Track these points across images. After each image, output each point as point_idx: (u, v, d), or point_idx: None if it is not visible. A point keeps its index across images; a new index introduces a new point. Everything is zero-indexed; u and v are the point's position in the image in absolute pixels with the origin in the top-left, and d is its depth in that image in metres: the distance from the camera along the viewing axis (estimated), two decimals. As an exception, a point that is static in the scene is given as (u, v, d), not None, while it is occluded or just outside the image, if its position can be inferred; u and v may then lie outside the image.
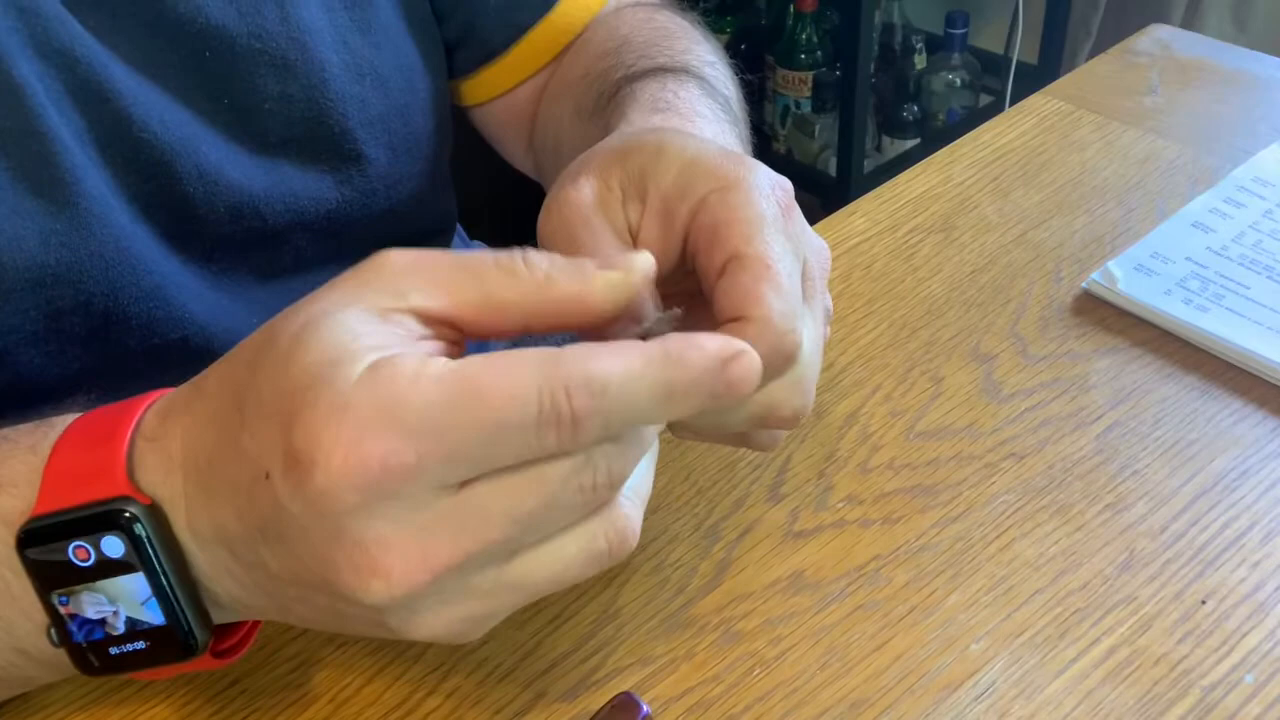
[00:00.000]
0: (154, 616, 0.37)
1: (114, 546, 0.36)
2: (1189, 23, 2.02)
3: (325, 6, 0.58)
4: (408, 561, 0.33)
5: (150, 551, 0.36)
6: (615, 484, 0.35)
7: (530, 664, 0.48)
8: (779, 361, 0.39)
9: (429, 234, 0.71)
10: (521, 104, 0.69)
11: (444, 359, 0.33)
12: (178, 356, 0.56)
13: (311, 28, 0.57)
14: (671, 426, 0.43)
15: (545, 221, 0.42)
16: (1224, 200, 0.69)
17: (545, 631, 0.49)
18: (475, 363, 0.32)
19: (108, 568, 0.36)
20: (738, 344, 0.34)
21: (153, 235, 0.55)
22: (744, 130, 0.60)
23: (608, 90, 0.58)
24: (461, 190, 0.75)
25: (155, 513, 0.36)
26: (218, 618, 0.39)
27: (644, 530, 0.52)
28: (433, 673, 0.48)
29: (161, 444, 0.37)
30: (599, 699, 0.46)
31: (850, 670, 0.47)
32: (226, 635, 0.41)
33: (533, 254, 0.35)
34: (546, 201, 0.43)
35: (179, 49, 0.54)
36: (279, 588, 0.36)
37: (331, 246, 0.62)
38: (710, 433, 0.44)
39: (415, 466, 0.31)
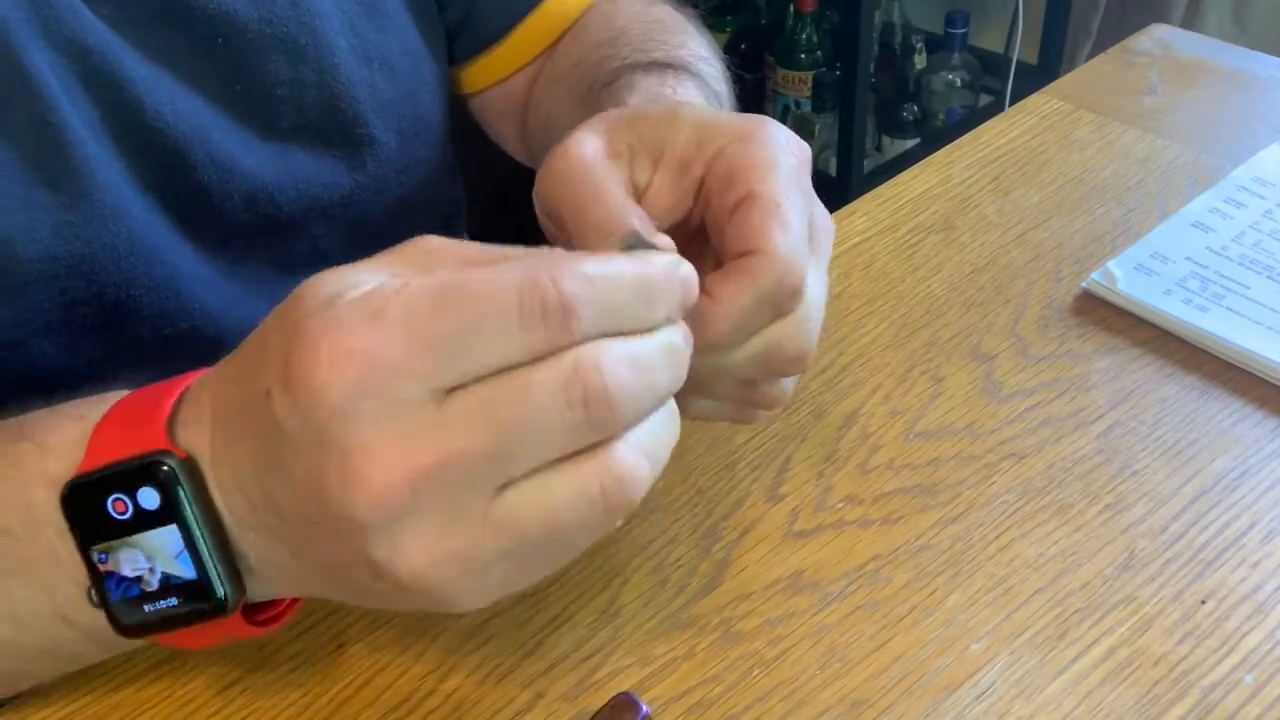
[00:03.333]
0: (186, 570, 0.37)
1: (149, 498, 0.36)
2: (1189, 23, 2.02)
3: None
4: (388, 469, 0.32)
5: (183, 502, 0.36)
6: (612, 408, 0.33)
7: (530, 664, 0.48)
8: (783, 295, 0.40)
9: (440, 221, 0.72)
10: (518, 92, 0.70)
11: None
12: (189, 346, 0.57)
13: (320, 12, 0.58)
14: (681, 394, 0.43)
15: (544, 176, 0.42)
16: (1224, 200, 0.69)
17: (545, 631, 0.49)
18: (461, 270, 0.33)
19: (144, 520, 0.37)
20: (677, 257, 0.37)
21: (167, 225, 0.55)
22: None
23: (603, 78, 0.58)
24: (462, 184, 0.75)
25: (190, 466, 0.37)
26: (252, 587, 0.39)
27: (643, 530, 0.52)
28: (433, 673, 0.48)
29: (197, 399, 0.38)
30: (599, 699, 0.46)
31: (850, 670, 0.47)
32: (266, 608, 0.41)
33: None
34: (546, 158, 0.42)
35: (190, 36, 0.54)
36: (289, 530, 0.36)
37: (347, 236, 0.63)
38: (717, 387, 0.44)
39: (397, 363, 0.32)
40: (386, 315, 0.32)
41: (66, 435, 0.39)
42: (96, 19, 0.51)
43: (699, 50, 0.62)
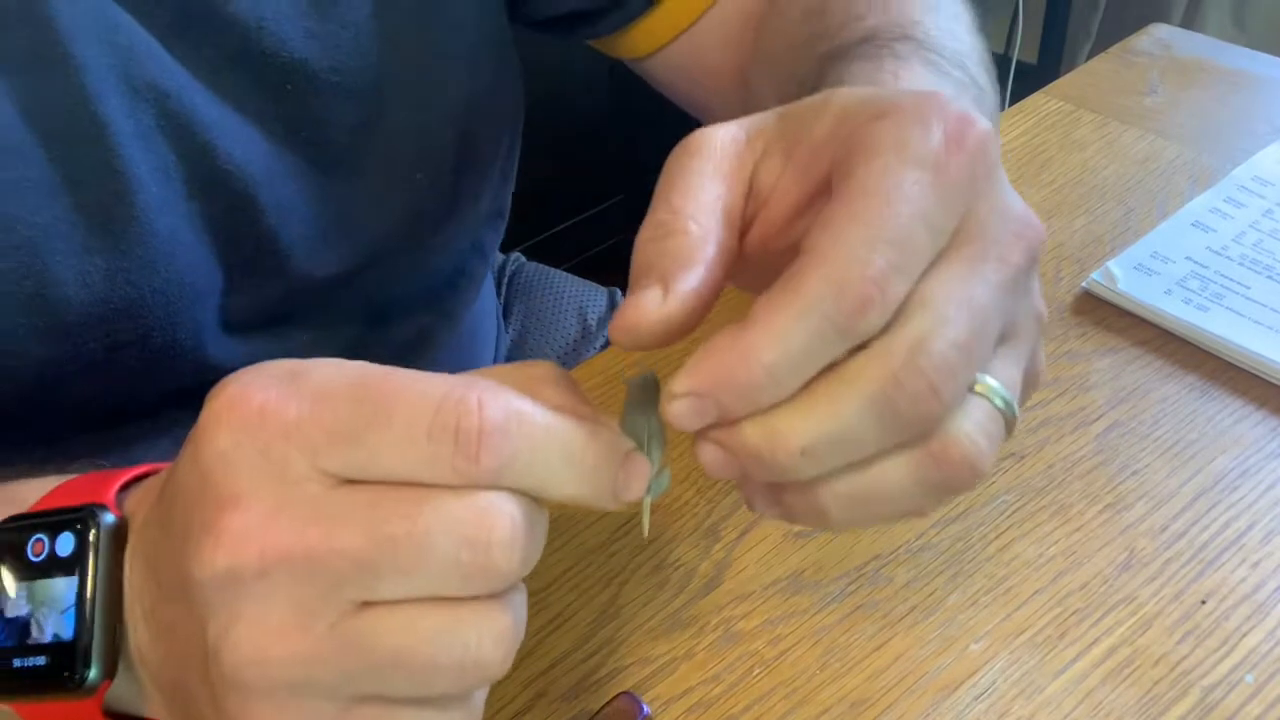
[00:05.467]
0: (66, 629, 0.35)
1: (66, 543, 0.35)
2: (1189, 23, 2.02)
3: (393, 38, 0.57)
4: (246, 530, 0.29)
5: (91, 555, 0.35)
6: (511, 568, 0.30)
7: (530, 664, 0.48)
8: (845, 308, 0.29)
9: (474, 247, 0.72)
10: (697, 49, 0.64)
11: None
12: None
13: (383, 57, 0.57)
14: (815, 503, 0.33)
15: (672, 156, 0.35)
16: (1224, 200, 0.69)
17: (545, 631, 0.49)
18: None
19: (52, 566, 0.35)
20: (639, 454, 0.32)
21: (221, 271, 0.55)
22: (984, 97, 0.47)
23: (810, 76, 0.49)
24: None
25: (119, 529, 0.35)
26: (118, 688, 0.36)
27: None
28: (433, 673, 0.48)
29: (151, 479, 0.37)
30: (599, 699, 0.46)
31: (850, 670, 0.47)
32: None
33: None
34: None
35: (262, 82, 0.54)
36: (160, 614, 0.33)
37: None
38: (871, 491, 0.32)
39: (292, 425, 0.29)
40: (302, 380, 0.30)
41: (25, 495, 0.38)
42: (173, 60, 0.51)
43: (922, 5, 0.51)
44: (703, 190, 0.33)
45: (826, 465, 0.31)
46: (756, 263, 0.34)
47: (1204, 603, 0.49)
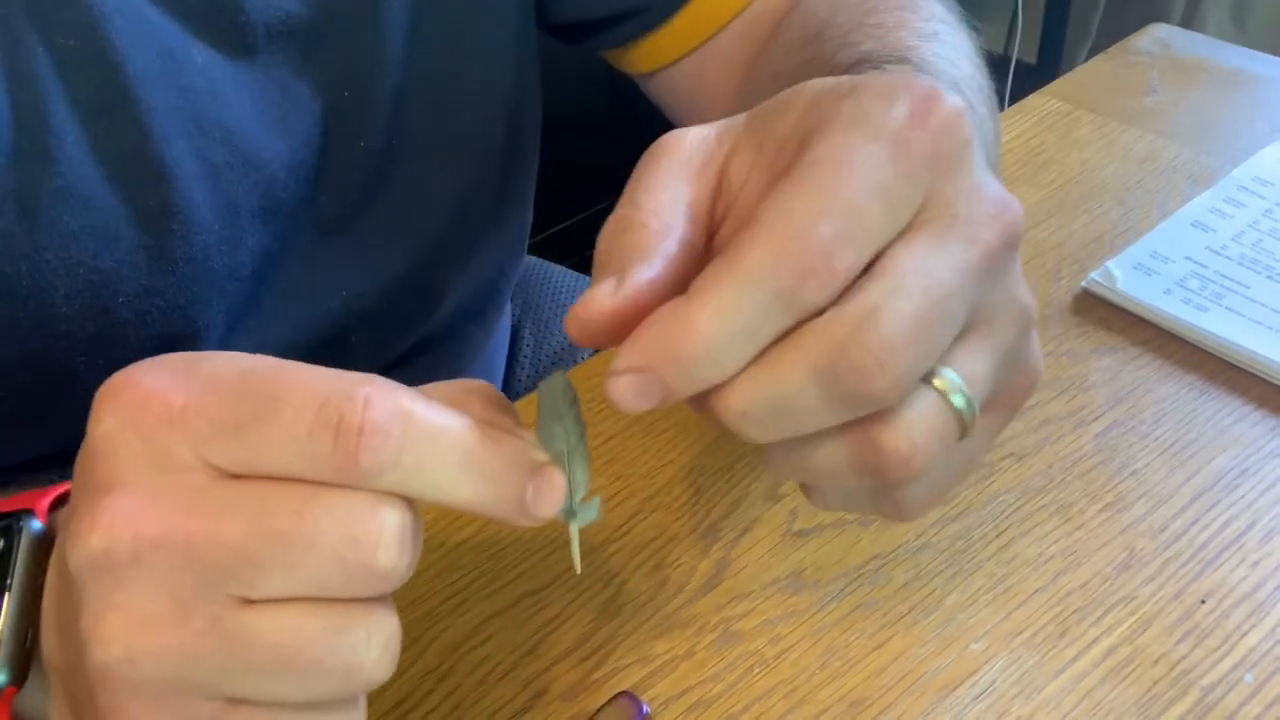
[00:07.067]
0: None
1: None
2: (1189, 22, 2.02)
3: (443, 32, 0.58)
4: (123, 513, 0.28)
5: (13, 560, 0.34)
6: (393, 568, 0.29)
7: (530, 663, 0.48)
8: (785, 275, 0.28)
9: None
10: (688, 78, 0.66)
11: None
12: None
13: (434, 53, 0.58)
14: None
15: (643, 155, 0.35)
16: (1224, 200, 0.69)
17: (545, 630, 0.49)
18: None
19: None
20: (552, 467, 0.31)
21: (276, 299, 0.56)
22: (982, 126, 0.47)
23: None
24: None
25: (45, 537, 0.35)
26: (29, 697, 0.35)
27: (643, 530, 0.52)
28: (432, 672, 0.48)
29: None
30: (599, 698, 0.46)
31: (850, 669, 0.47)
32: None
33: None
34: None
35: (324, 91, 0.54)
36: (66, 609, 0.31)
37: None
38: (807, 454, 0.33)
39: (175, 412, 0.29)
40: (194, 368, 0.30)
41: None
42: (238, 86, 0.51)
43: (923, 25, 0.51)
44: (667, 187, 0.32)
45: (770, 430, 0.31)
46: None
47: (1203, 602, 0.49)
